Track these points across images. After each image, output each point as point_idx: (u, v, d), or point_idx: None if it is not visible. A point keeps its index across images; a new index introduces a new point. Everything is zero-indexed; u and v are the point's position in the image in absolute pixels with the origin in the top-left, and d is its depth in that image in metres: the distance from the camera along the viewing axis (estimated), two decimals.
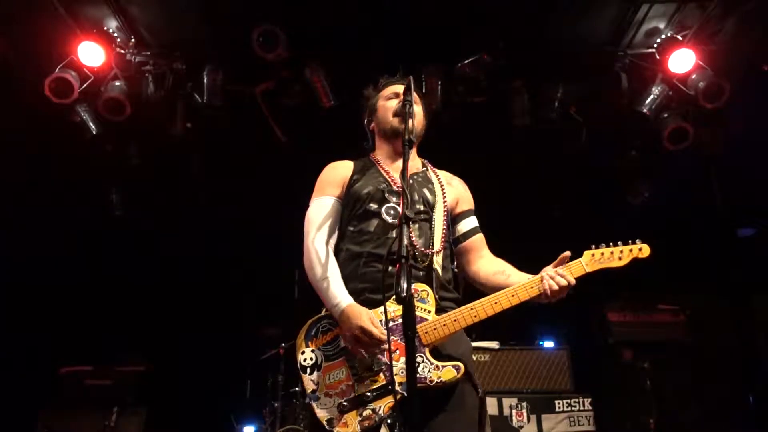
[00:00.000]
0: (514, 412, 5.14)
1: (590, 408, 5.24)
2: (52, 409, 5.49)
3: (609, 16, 4.95)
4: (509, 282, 2.29)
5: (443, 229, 2.42)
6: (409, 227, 2.11)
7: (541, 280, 2.19)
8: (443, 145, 2.87)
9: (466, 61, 5.07)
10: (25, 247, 6.18)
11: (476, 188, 2.71)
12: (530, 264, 2.36)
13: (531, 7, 4.76)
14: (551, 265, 2.24)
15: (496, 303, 2.19)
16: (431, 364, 2.10)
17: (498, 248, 2.61)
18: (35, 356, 5.92)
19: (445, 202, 2.48)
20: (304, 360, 2.22)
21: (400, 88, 2.54)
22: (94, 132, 5.15)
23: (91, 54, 4.81)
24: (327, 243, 2.39)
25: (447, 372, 2.09)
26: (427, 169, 2.61)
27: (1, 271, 6.00)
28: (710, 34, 4.94)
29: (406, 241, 1.82)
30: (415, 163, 2.62)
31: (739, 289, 6.13)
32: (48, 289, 6.29)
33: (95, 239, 6.47)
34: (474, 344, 5.35)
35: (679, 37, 4.92)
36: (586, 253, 2.28)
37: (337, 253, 2.40)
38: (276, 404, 5.63)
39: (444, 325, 2.16)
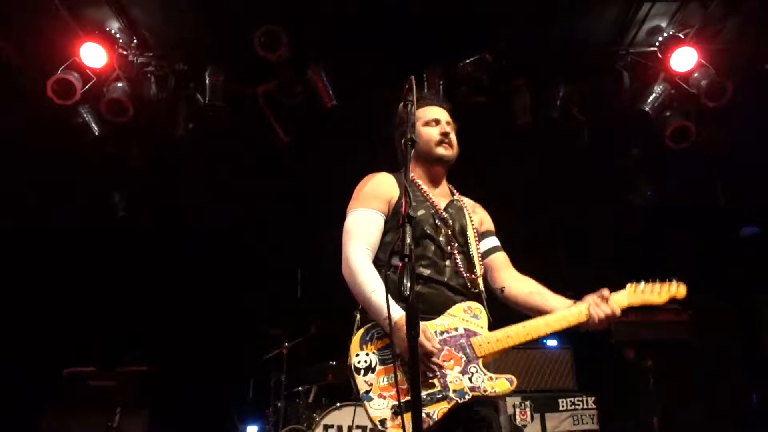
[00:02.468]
0: (517, 410, 5.14)
1: (594, 407, 5.25)
2: (55, 410, 5.49)
3: (611, 14, 4.94)
4: (548, 304, 2.44)
5: (479, 254, 2.57)
6: (444, 255, 2.43)
7: (588, 307, 2.34)
8: None
9: (467, 61, 5.07)
10: (27, 248, 6.20)
11: (478, 188, 2.74)
12: (534, 264, 2.39)
13: (533, 6, 4.76)
14: (593, 294, 2.38)
15: (547, 325, 2.35)
16: (485, 375, 2.23)
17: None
18: (38, 357, 5.93)
19: (474, 228, 2.61)
20: (358, 362, 2.26)
21: (439, 114, 2.65)
22: (96, 133, 5.16)
23: (93, 55, 4.82)
24: (367, 253, 2.41)
25: (500, 384, 2.23)
26: (457, 197, 2.71)
27: (3, 272, 6.02)
28: (712, 32, 4.93)
29: (408, 240, 1.85)
30: (446, 189, 2.72)
31: (742, 289, 6.12)
32: (51, 289, 6.31)
33: (98, 240, 6.48)
34: None
35: (681, 36, 4.91)
36: (629, 287, 2.42)
37: (390, 270, 2.37)
38: (279, 404, 5.64)
39: (498, 339, 2.30)
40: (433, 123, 2.64)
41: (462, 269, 2.45)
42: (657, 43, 5.03)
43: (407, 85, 2.32)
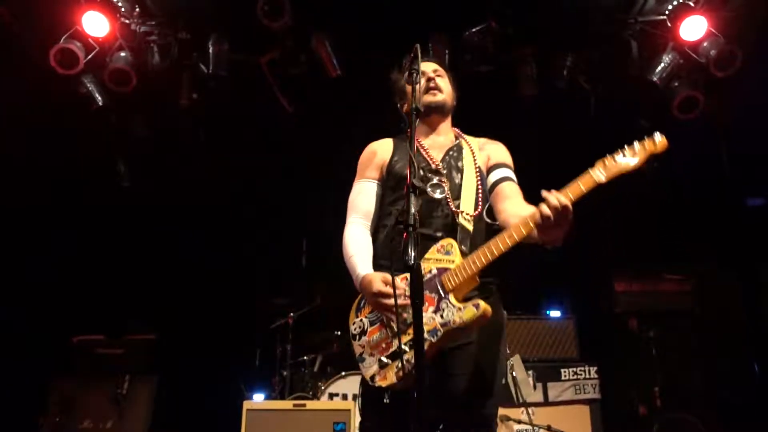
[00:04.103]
0: None
1: (596, 376, 5.30)
2: (64, 378, 5.58)
3: None
4: None
5: (475, 191, 2.47)
6: (431, 203, 2.38)
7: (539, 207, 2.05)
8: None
9: (473, 30, 5.01)
10: (33, 219, 6.23)
11: None
12: None
13: None
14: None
15: (509, 236, 2.12)
16: (454, 307, 2.17)
17: None
18: (47, 326, 6.00)
19: (476, 166, 2.54)
20: (354, 329, 2.38)
21: (427, 67, 2.65)
22: (100, 103, 5.14)
23: (95, 24, 4.78)
24: (361, 223, 2.53)
25: (468, 311, 2.15)
26: (461, 140, 2.66)
27: (11, 243, 6.06)
28: (723, 0, 4.84)
29: (413, 210, 1.86)
30: (450, 137, 2.68)
31: (746, 259, 6.12)
32: (59, 259, 6.35)
33: (103, 210, 6.50)
34: None
35: (691, 3, 4.83)
36: (598, 162, 2.12)
37: (378, 232, 2.52)
38: (285, 373, 5.71)
39: (464, 267, 2.19)
40: (421, 75, 2.61)
41: (453, 211, 2.40)
42: (666, 12, 4.95)
43: (412, 53, 2.31)
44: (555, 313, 5.69)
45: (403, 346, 2.18)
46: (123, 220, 6.60)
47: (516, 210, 2.33)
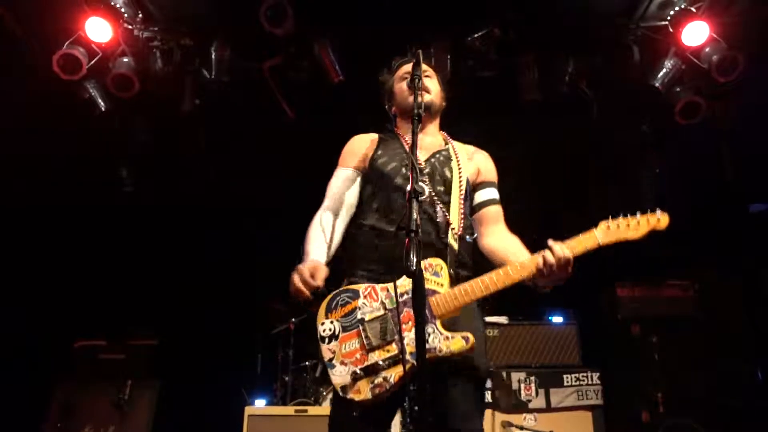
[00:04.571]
0: (522, 386, 5.18)
1: (598, 382, 5.29)
2: (66, 382, 5.58)
3: None
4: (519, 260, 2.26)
5: (460, 205, 2.43)
6: (420, 202, 2.16)
7: (542, 253, 2.15)
8: (451, 120, 2.85)
9: (475, 35, 5.02)
10: (36, 222, 6.24)
11: None
12: (539, 242, 2.33)
13: None
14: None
15: (506, 276, 2.17)
16: (441, 334, 2.14)
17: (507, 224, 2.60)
18: (49, 331, 6.00)
19: (460, 177, 2.48)
20: (323, 330, 2.29)
21: (412, 66, 2.53)
22: (103, 108, 5.15)
23: (98, 30, 4.79)
24: (331, 211, 2.50)
25: (456, 342, 2.12)
26: (450, 146, 2.62)
27: (14, 247, 6.07)
28: (725, 6, 4.84)
29: (415, 215, 1.84)
30: (437, 139, 2.65)
31: (749, 265, 6.11)
32: (61, 263, 6.36)
33: (105, 215, 6.51)
34: None
35: (693, 9, 4.83)
36: (601, 224, 2.23)
37: (357, 228, 2.48)
38: (286, 378, 5.71)
39: (455, 297, 2.18)
40: (407, 75, 2.61)
41: (437, 220, 2.36)
42: (668, 17, 4.95)
43: (414, 59, 2.32)
44: (557, 319, 5.68)
45: (381, 363, 2.14)
46: (125, 225, 6.60)
47: (503, 243, 2.41)
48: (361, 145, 2.63)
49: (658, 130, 5.85)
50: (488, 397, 5.00)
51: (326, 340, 2.27)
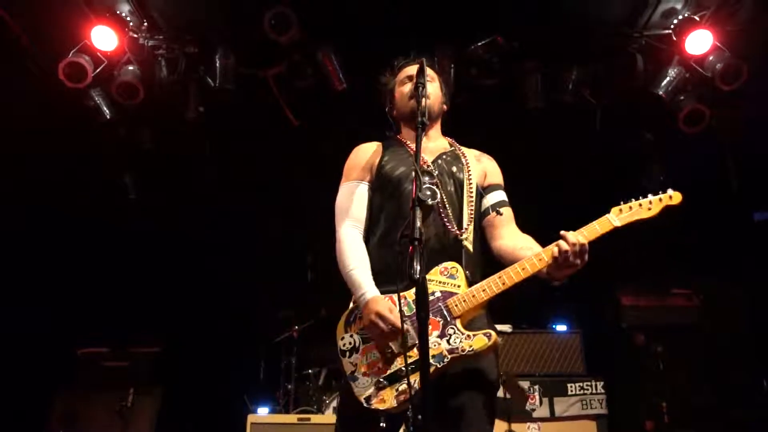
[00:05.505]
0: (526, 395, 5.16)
1: (603, 391, 5.27)
2: (69, 390, 5.58)
3: None
4: None
5: (470, 206, 2.43)
6: (431, 206, 2.29)
7: (557, 243, 2.15)
8: (455, 128, 2.85)
9: (479, 44, 5.03)
10: (36, 232, 6.26)
11: None
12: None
13: None
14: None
15: (523, 269, 2.17)
16: (462, 334, 2.15)
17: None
18: (52, 338, 6.01)
19: (470, 178, 2.48)
20: (344, 345, 2.28)
21: (413, 70, 2.51)
22: (108, 116, 5.18)
23: (104, 38, 4.82)
24: (356, 229, 2.42)
25: (478, 340, 2.13)
26: (455, 148, 2.61)
27: (17, 255, 6.09)
28: (728, 14, 4.84)
29: (418, 224, 1.83)
30: (441, 142, 2.63)
31: (753, 274, 6.08)
32: (64, 271, 6.37)
33: (110, 222, 6.53)
34: None
35: (697, 18, 4.83)
36: (613, 209, 2.24)
37: (368, 237, 2.43)
38: (289, 386, 5.70)
39: (473, 295, 2.19)
40: (407, 80, 2.60)
41: (446, 223, 2.34)
42: (672, 26, 4.96)
43: (419, 67, 2.32)
44: (561, 328, 5.67)
45: (403, 369, 2.13)
46: (128, 233, 6.62)
47: (514, 241, 2.40)
48: (366, 156, 2.56)
49: (662, 138, 5.85)
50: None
51: (347, 354, 2.26)
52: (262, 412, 5.84)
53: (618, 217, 2.21)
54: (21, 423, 5.61)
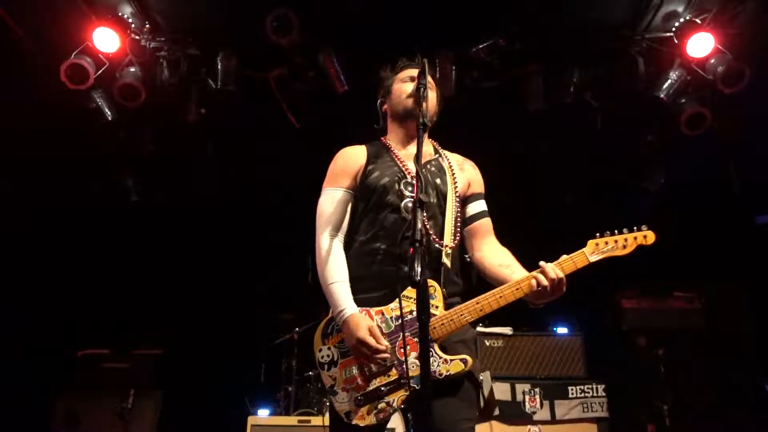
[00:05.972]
0: (527, 397, 5.15)
1: (604, 394, 5.25)
2: (70, 391, 5.58)
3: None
4: (512, 278, 2.26)
5: (454, 220, 2.40)
6: (423, 213, 2.13)
7: (535, 274, 2.18)
8: (456, 130, 2.85)
9: (480, 46, 5.03)
10: (40, 232, 6.26)
11: (489, 174, 2.68)
12: (543, 252, 2.32)
13: None
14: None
15: (501, 297, 2.20)
16: (440, 358, 2.15)
17: (510, 235, 2.60)
18: (53, 340, 6.01)
19: (456, 189, 2.46)
20: (322, 357, 2.29)
21: (416, 72, 2.47)
22: (109, 118, 5.19)
23: (106, 40, 4.83)
24: (337, 239, 2.40)
25: (455, 365, 2.14)
26: (440, 155, 2.57)
27: (20, 256, 6.09)
28: (730, 17, 4.84)
29: (420, 225, 1.82)
30: (428, 148, 2.57)
31: (756, 276, 6.07)
32: (66, 272, 6.38)
33: (111, 224, 6.53)
34: (487, 330, 5.38)
35: (698, 21, 4.83)
36: (590, 243, 2.27)
37: (348, 246, 2.41)
38: (290, 388, 5.69)
39: (451, 320, 2.19)
40: (408, 80, 2.55)
41: (431, 236, 2.30)
42: (673, 29, 4.96)
43: (420, 66, 2.31)
44: (562, 330, 5.65)
45: (382, 389, 2.15)
46: (130, 235, 6.62)
47: (494, 257, 2.41)
48: (351, 162, 2.50)
49: (663, 141, 5.84)
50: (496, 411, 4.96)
51: (325, 366, 2.27)
52: (263, 414, 5.84)
53: (593, 254, 2.25)
54: (22, 424, 5.61)
